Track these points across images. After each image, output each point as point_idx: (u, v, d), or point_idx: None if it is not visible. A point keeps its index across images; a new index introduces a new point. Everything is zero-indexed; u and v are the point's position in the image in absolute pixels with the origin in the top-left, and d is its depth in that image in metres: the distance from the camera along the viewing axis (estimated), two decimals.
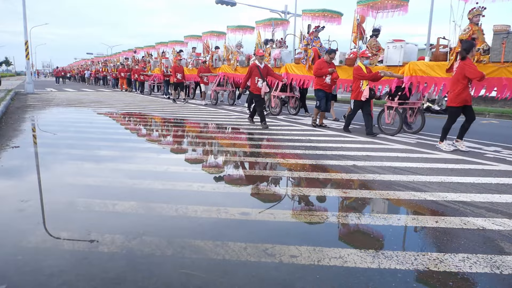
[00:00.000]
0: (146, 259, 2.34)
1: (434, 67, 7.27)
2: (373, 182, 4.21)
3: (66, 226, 2.82)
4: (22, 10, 18.35)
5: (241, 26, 14.69)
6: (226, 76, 14.38)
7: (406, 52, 7.90)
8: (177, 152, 5.96)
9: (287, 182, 4.29)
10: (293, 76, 10.83)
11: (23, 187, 3.87)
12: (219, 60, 15.13)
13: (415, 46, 8.29)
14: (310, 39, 10.60)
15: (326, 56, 8.78)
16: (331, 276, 2.20)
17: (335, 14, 10.86)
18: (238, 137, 7.52)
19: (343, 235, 2.88)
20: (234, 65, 13.68)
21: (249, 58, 13.12)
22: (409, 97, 7.92)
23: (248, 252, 2.45)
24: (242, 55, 13.62)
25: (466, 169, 4.97)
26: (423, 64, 7.45)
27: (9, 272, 2.17)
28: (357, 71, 7.73)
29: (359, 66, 7.76)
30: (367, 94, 7.58)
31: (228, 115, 11.00)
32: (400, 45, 7.92)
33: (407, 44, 7.98)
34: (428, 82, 7.35)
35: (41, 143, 6.30)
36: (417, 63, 7.60)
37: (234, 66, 13.68)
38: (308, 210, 3.34)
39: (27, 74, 20.20)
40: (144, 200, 3.41)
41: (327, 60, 8.72)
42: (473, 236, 2.82)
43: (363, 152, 5.89)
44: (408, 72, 7.52)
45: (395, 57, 8.01)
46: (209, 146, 6.50)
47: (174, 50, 18.98)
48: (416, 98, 8.20)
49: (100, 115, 10.68)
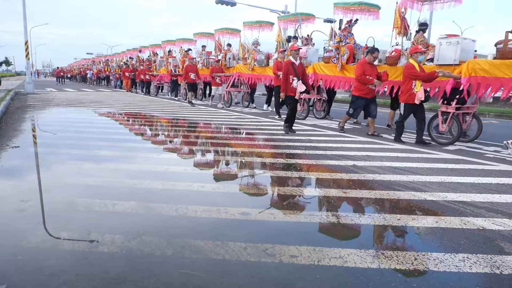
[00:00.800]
0: (146, 259, 2.34)
1: (501, 66, 6.26)
2: (373, 182, 4.21)
3: (66, 226, 2.82)
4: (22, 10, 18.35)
5: (260, 22, 13.61)
6: (241, 76, 13.38)
7: (463, 49, 6.87)
8: (177, 152, 5.96)
9: (287, 182, 4.29)
10: (322, 77, 9.92)
11: (23, 187, 3.87)
12: (233, 59, 13.99)
13: (472, 42, 7.20)
14: (343, 35, 9.41)
15: (369, 56, 7.52)
16: (331, 276, 2.20)
17: (373, 8, 9.64)
18: (237, 137, 7.52)
19: (343, 235, 2.88)
20: (251, 64, 12.59)
21: (269, 57, 12.15)
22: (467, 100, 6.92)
23: (248, 252, 2.45)
24: (261, 54, 12.42)
25: (466, 169, 4.97)
26: (486, 63, 6.40)
27: (9, 272, 2.17)
28: (409, 69, 6.67)
29: (411, 63, 6.72)
30: (422, 96, 6.52)
31: (228, 115, 11.00)
32: (456, 41, 6.90)
33: (464, 39, 6.93)
34: (492, 84, 6.36)
35: (41, 143, 6.30)
36: (478, 61, 6.54)
37: (251, 65, 12.60)
38: (308, 210, 3.34)
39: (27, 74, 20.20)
40: (144, 200, 3.41)
41: (370, 60, 7.53)
42: (473, 236, 2.82)
43: (363, 152, 5.89)
44: (467, 72, 6.49)
45: (450, 54, 6.98)
46: (209, 146, 6.50)
47: (182, 48, 18.12)
48: (471, 101, 7.14)
49: (100, 115, 10.68)
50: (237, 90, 13.85)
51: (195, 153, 5.93)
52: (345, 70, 9.27)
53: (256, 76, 12.61)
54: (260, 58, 12.32)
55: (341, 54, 9.23)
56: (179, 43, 19.12)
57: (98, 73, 34.46)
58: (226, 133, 8.05)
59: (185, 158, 5.52)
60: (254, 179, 4.40)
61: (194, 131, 8.26)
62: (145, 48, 24.79)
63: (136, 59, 24.45)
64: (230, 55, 14.13)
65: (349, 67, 9.18)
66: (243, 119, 10.02)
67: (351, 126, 8.97)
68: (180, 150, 6.11)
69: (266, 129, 8.29)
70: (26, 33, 18.52)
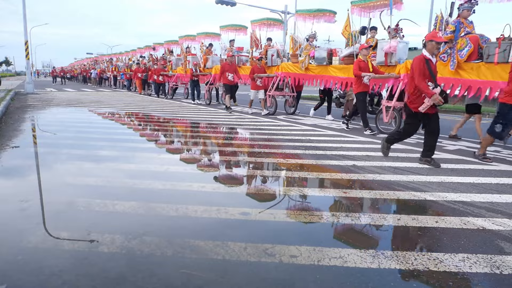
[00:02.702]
0: (146, 259, 2.34)
1: None
2: (373, 182, 4.21)
3: (66, 226, 2.82)
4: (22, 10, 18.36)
5: (321, 10, 10.76)
6: (288, 77, 11.08)
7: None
8: (177, 152, 5.96)
9: (287, 182, 4.29)
10: None
11: (23, 187, 3.87)
12: (277, 56, 11.61)
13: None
14: (460, 22, 6.67)
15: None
16: (331, 276, 2.20)
17: None
18: (238, 137, 7.53)
19: (343, 235, 2.88)
20: (305, 62, 10.24)
21: (332, 54, 9.82)
22: None
23: (248, 252, 2.45)
24: (321, 49, 10.00)
25: (466, 169, 4.97)
26: None
27: (9, 272, 2.18)
28: None
29: None
30: None
31: (227, 115, 11.00)
32: None
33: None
34: None
35: (41, 143, 6.30)
36: None
37: (304, 64, 10.27)
38: (308, 210, 3.34)
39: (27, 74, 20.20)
40: (144, 200, 3.41)
41: None
42: (473, 236, 2.82)
43: (363, 152, 5.89)
44: None
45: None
46: (209, 146, 6.50)
47: (203, 44, 15.76)
48: None
49: (100, 115, 10.68)
50: (282, 94, 11.60)
51: (195, 153, 5.94)
52: (461, 70, 6.77)
53: (312, 77, 10.24)
54: (320, 55, 9.87)
55: (458, 48, 6.68)
56: (200, 38, 16.40)
57: (101, 73, 32.34)
58: (226, 133, 8.05)
59: (185, 158, 5.52)
60: (254, 179, 4.40)
61: (194, 131, 8.26)
62: (158, 46, 22.13)
63: (148, 57, 22.14)
64: (273, 51, 11.69)
65: (469, 66, 6.66)
66: (243, 119, 10.02)
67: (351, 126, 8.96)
68: (180, 150, 6.11)
69: (266, 129, 8.29)
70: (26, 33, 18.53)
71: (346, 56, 9.15)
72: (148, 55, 22.65)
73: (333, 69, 9.60)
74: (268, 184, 4.18)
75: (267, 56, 11.73)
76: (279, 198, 3.70)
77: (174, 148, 6.29)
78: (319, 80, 10.04)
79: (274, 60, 11.61)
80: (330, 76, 9.70)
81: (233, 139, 7.26)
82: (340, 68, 9.40)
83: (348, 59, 9.10)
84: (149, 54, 22.68)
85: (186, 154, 5.82)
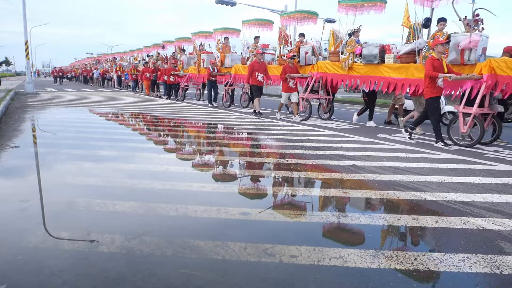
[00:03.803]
0: (146, 259, 2.34)
1: None
2: (373, 182, 4.21)
3: (66, 226, 2.82)
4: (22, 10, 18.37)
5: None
6: (325, 78, 9.76)
7: None
8: (177, 152, 5.96)
9: (287, 182, 4.29)
10: None
11: (23, 187, 3.87)
12: (311, 54, 10.15)
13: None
14: None
15: None
16: (331, 276, 2.20)
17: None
18: (238, 137, 7.53)
19: (343, 235, 2.88)
20: (348, 61, 8.96)
21: (383, 50, 8.50)
22: None
23: (248, 252, 2.45)
24: (372, 46, 8.55)
25: (466, 169, 4.97)
26: None
27: (9, 272, 2.17)
28: None
29: None
30: None
31: (228, 115, 11.00)
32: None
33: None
34: None
35: (41, 143, 6.30)
36: None
37: (348, 63, 8.97)
38: (308, 210, 3.34)
39: (27, 74, 20.21)
40: (144, 200, 3.41)
41: None
42: (473, 236, 2.82)
43: (363, 152, 5.89)
44: None
45: None
46: (209, 146, 6.50)
47: (219, 41, 14.44)
48: None
49: (100, 115, 10.68)
50: (317, 97, 10.31)
51: (195, 153, 5.93)
52: None
53: (356, 78, 8.95)
54: (370, 52, 8.55)
55: None
56: (217, 34, 14.85)
57: (105, 73, 31.06)
58: (226, 133, 8.05)
59: (185, 158, 5.52)
60: (254, 179, 4.40)
61: (194, 131, 8.26)
62: (168, 44, 20.60)
63: (155, 56, 20.83)
64: (307, 48, 10.25)
65: None
66: (243, 119, 10.02)
67: (351, 126, 8.96)
68: (180, 150, 6.11)
69: (266, 129, 8.29)
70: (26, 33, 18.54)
71: (406, 53, 7.87)
72: (156, 53, 21.29)
73: (386, 69, 8.28)
74: (268, 184, 4.18)
75: (300, 54, 10.43)
76: (279, 198, 3.70)
77: (174, 148, 6.29)
78: (365, 82, 8.76)
79: (309, 59, 10.21)
80: (381, 77, 8.37)
81: (233, 139, 7.25)
82: (395, 67, 8.11)
83: (407, 57, 7.92)
84: (156, 53, 21.29)
85: (186, 154, 5.82)
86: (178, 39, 18.70)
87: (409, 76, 7.74)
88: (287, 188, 4.08)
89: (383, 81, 8.34)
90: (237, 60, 13.57)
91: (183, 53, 17.93)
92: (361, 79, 8.83)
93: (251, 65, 10.67)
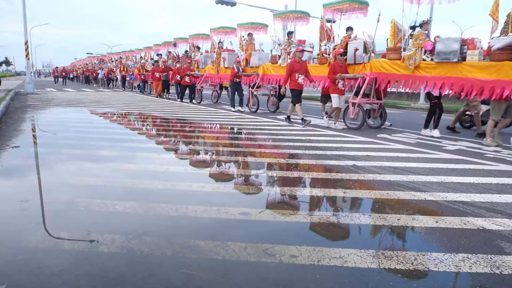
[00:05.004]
0: (146, 259, 2.34)
1: None
2: (373, 182, 4.21)
3: (66, 226, 2.82)
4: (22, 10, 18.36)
5: None
6: (380, 79, 8.21)
7: None
8: (177, 152, 5.96)
9: (287, 182, 4.29)
10: None
11: (23, 187, 3.87)
12: (363, 51, 8.61)
13: None
14: None
15: None
16: (331, 276, 2.20)
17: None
18: (238, 137, 7.53)
19: (343, 235, 2.88)
20: (414, 58, 7.36)
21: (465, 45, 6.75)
22: None
23: (248, 252, 2.45)
24: (451, 40, 6.82)
25: (466, 169, 4.97)
26: None
27: (9, 272, 2.18)
28: None
29: None
30: None
31: (228, 115, 11.00)
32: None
33: None
34: None
35: (41, 143, 6.30)
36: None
37: (414, 60, 7.36)
38: (308, 210, 3.34)
39: (27, 74, 20.20)
40: (144, 200, 3.41)
41: None
42: (473, 236, 2.82)
43: (363, 152, 5.89)
44: None
45: None
46: (209, 146, 6.50)
47: (243, 38, 12.94)
48: None
49: (100, 115, 10.68)
50: (370, 101, 8.73)
51: (195, 153, 5.93)
52: None
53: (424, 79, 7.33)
54: (447, 48, 6.85)
55: None
56: (241, 29, 13.31)
57: (110, 73, 28.97)
58: (227, 133, 8.05)
59: (185, 158, 5.52)
60: (254, 179, 4.40)
61: (194, 131, 8.26)
62: (180, 41, 18.99)
63: (166, 55, 19.47)
64: (358, 44, 8.70)
65: None
66: (243, 119, 10.02)
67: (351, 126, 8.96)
68: (180, 150, 6.11)
69: (266, 129, 8.29)
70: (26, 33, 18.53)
71: (500, 48, 6.18)
72: (167, 52, 19.76)
73: (469, 68, 6.63)
74: (268, 184, 4.18)
75: (348, 51, 8.95)
76: (279, 198, 3.70)
77: (174, 148, 6.29)
78: (436, 84, 7.14)
79: (359, 56, 8.67)
80: (461, 78, 6.72)
81: (233, 139, 7.25)
82: (483, 66, 6.46)
83: (501, 53, 6.22)
84: (167, 51, 19.79)
85: (186, 154, 5.82)
86: (192, 36, 17.08)
87: (503, 77, 6.15)
88: (287, 188, 4.08)
89: (464, 83, 6.67)
90: (265, 59, 12.01)
91: (198, 51, 16.51)
92: (431, 80, 7.19)
93: (290, 65, 9.16)
